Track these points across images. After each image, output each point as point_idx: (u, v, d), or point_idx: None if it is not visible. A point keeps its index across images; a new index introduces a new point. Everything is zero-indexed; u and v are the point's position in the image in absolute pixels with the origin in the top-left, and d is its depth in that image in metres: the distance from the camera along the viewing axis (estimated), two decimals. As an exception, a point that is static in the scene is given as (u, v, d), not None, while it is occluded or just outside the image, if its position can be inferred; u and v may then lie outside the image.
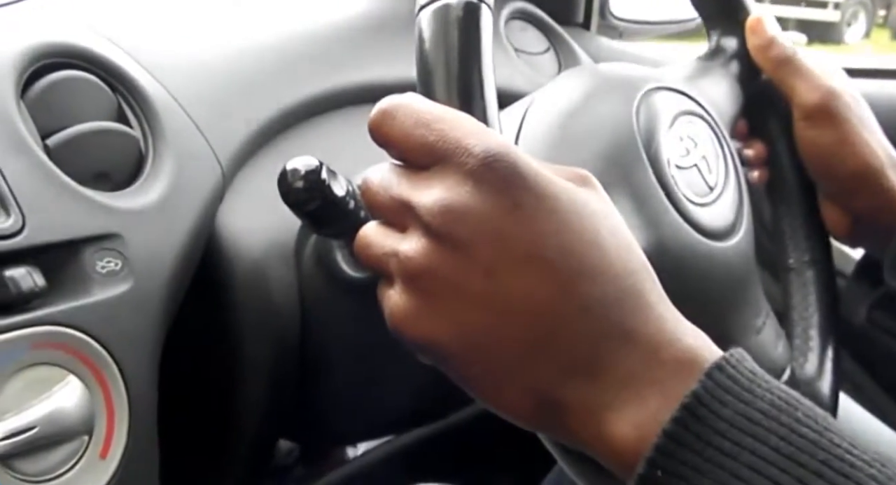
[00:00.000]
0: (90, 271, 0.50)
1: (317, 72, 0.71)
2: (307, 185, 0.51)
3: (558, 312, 0.37)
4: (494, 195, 0.37)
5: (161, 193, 0.55)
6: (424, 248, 0.38)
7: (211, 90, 0.63)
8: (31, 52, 0.52)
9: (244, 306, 0.62)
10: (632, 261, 0.39)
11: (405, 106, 0.41)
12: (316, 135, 0.70)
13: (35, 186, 0.49)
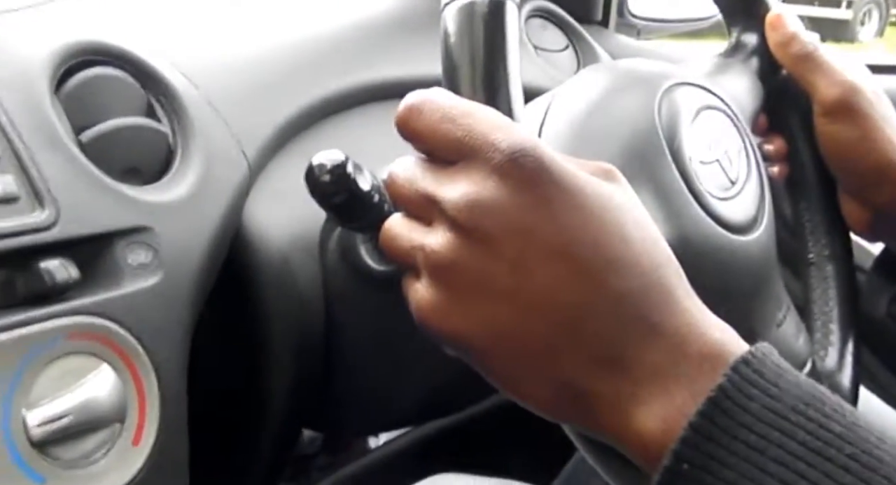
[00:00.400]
0: (122, 264, 0.51)
1: (340, 69, 0.72)
2: (333, 178, 0.52)
3: (585, 306, 0.37)
4: (521, 190, 0.38)
5: (190, 187, 0.56)
6: (451, 242, 0.38)
7: (237, 87, 0.64)
8: (64, 50, 0.53)
9: (270, 299, 0.63)
10: (658, 254, 0.39)
11: (431, 101, 0.41)
12: (340, 131, 0.71)
13: (69, 180, 0.50)
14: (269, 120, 0.65)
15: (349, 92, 0.72)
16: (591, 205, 0.38)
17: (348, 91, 0.71)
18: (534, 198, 0.38)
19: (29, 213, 0.47)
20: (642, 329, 0.37)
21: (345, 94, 0.71)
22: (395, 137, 0.72)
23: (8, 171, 0.47)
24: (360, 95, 0.72)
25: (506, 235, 0.37)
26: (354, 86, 0.72)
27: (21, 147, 0.48)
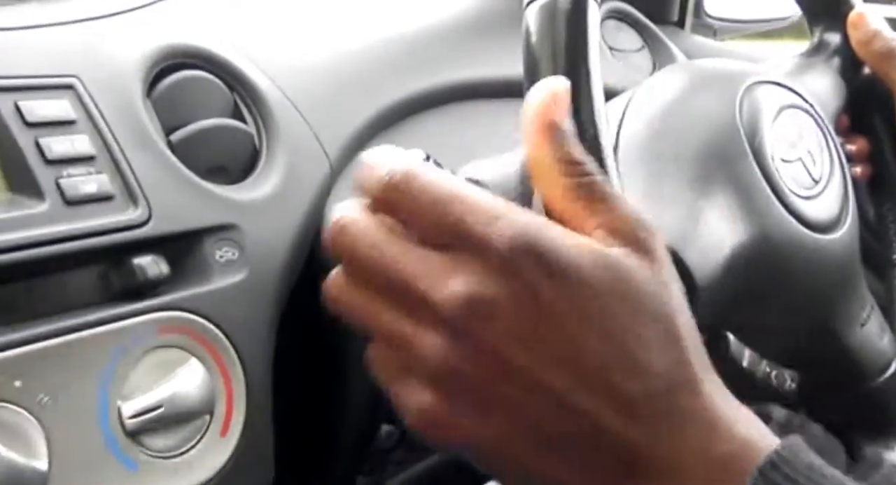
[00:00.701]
0: (210, 260, 0.52)
1: (420, 70, 0.73)
2: None
3: (597, 411, 0.34)
4: (523, 295, 0.34)
5: (274, 186, 0.58)
6: (448, 347, 0.34)
7: (320, 88, 0.66)
8: (157, 53, 0.55)
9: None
10: (679, 348, 0.36)
11: (419, 174, 0.35)
12: (418, 131, 0.72)
13: (160, 180, 0.51)
14: (351, 120, 0.67)
15: (428, 92, 0.72)
16: (602, 301, 0.35)
17: (427, 91, 0.72)
18: (538, 304, 0.34)
19: (123, 211, 0.49)
20: (662, 431, 0.34)
21: (424, 95, 0.72)
22: (473, 138, 0.74)
23: (103, 170, 0.49)
24: (439, 96, 0.73)
25: (510, 345, 0.34)
26: (433, 86, 0.73)
27: (116, 147, 0.50)
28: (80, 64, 0.51)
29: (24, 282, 0.45)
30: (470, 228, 0.34)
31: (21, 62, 0.49)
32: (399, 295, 0.35)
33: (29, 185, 0.46)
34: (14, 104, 0.47)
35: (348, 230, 0.36)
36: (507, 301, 0.34)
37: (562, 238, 0.35)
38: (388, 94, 0.70)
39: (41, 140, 0.47)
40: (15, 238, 0.44)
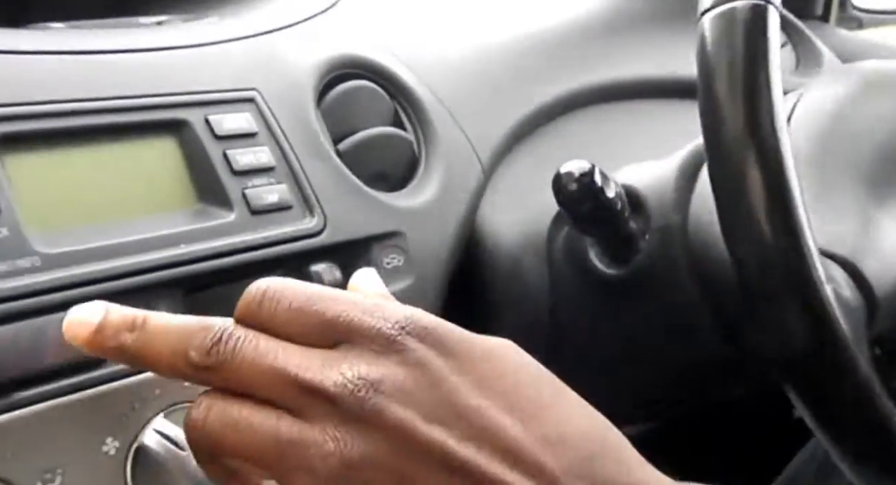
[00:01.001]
0: (378, 267, 0.53)
1: (567, 69, 0.73)
2: (581, 187, 0.53)
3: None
4: (419, 366, 0.33)
5: (434, 192, 0.59)
6: (354, 437, 0.32)
7: (471, 91, 0.66)
8: (326, 65, 0.57)
9: (499, 298, 0.64)
10: (594, 416, 0.35)
11: (288, 285, 0.35)
12: (566, 132, 0.72)
13: (333, 189, 0.53)
14: (501, 123, 0.67)
15: (577, 93, 0.72)
16: (500, 373, 0.34)
17: (576, 92, 0.72)
18: (435, 377, 0.33)
19: (300, 220, 0.51)
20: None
21: (573, 96, 0.72)
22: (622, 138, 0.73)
23: (283, 180, 0.51)
24: (587, 97, 0.73)
25: (422, 420, 0.32)
26: (582, 87, 0.73)
27: (293, 158, 0.52)
28: (258, 77, 0.53)
29: (213, 289, 0.47)
30: (354, 315, 0.34)
31: (207, 77, 0.51)
32: (284, 395, 0.33)
33: (218, 195, 0.48)
34: (204, 118, 0.49)
35: (230, 337, 0.34)
36: (403, 378, 0.32)
37: (446, 323, 0.34)
38: (539, 96, 0.71)
39: (228, 152, 0.49)
40: (210, 247, 0.46)
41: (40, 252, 0.41)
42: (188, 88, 0.50)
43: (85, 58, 0.48)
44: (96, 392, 0.41)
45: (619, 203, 0.54)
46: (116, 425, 0.41)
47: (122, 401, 0.41)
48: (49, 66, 0.46)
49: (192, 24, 0.57)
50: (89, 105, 0.45)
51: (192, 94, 0.50)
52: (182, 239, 0.46)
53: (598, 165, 0.54)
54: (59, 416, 0.39)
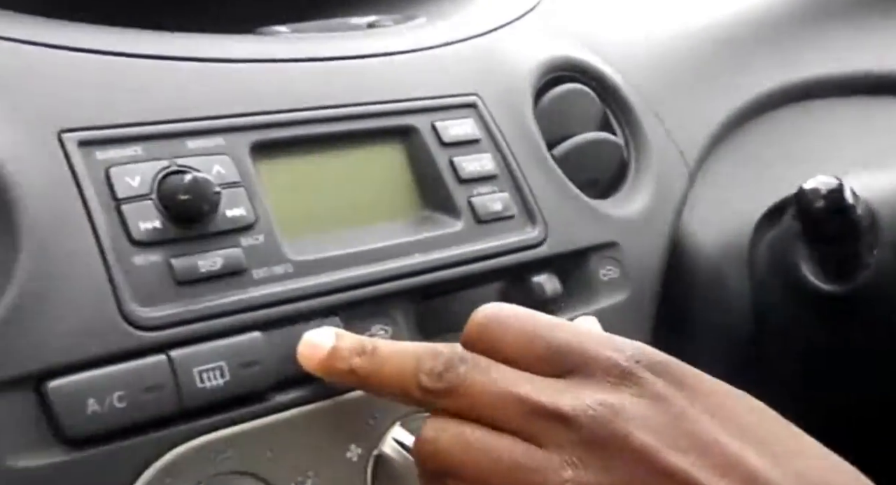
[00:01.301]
0: (595, 279, 0.53)
1: (774, 63, 0.70)
2: (828, 204, 0.50)
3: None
4: (666, 390, 0.33)
5: (646, 200, 0.57)
6: (591, 461, 0.32)
7: (675, 92, 0.64)
8: (541, 67, 0.56)
9: (699, 310, 0.62)
10: (832, 455, 0.34)
11: (519, 312, 0.37)
12: (770, 131, 0.69)
13: (552, 197, 0.52)
14: (705, 123, 0.65)
15: (783, 89, 0.69)
16: (736, 399, 0.35)
17: (782, 88, 0.69)
18: (671, 407, 0.33)
19: (522, 229, 0.50)
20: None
21: (779, 92, 0.69)
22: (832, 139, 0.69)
23: (505, 188, 0.50)
24: (794, 93, 0.69)
25: (666, 448, 0.32)
26: (789, 82, 0.69)
27: (514, 165, 0.51)
28: (477, 82, 0.53)
29: (442, 298, 0.47)
30: (585, 349, 0.34)
31: (430, 82, 0.51)
32: (517, 419, 0.33)
33: (444, 203, 0.48)
34: (431, 124, 0.49)
35: (455, 370, 0.35)
36: (644, 407, 0.32)
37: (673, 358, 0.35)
38: (743, 92, 0.68)
39: (455, 159, 0.49)
40: (441, 257, 0.46)
41: (292, 259, 0.42)
42: (414, 94, 0.50)
43: (319, 65, 0.48)
44: (342, 400, 0.41)
45: (865, 221, 0.51)
46: (359, 433, 0.42)
47: (364, 409, 0.42)
48: (289, 74, 0.47)
49: (405, 27, 0.57)
50: (331, 112, 0.46)
51: (419, 100, 0.50)
52: (415, 248, 0.46)
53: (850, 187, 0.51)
54: (310, 421, 0.40)
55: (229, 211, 0.41)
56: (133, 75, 0.42)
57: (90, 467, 0.35)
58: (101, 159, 0.39)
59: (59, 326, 0.35)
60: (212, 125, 0.42)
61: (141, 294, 0.37)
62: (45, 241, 0.36)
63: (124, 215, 0.38)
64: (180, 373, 0.37)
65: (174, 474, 0.37)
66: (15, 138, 0.37)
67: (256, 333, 0.39)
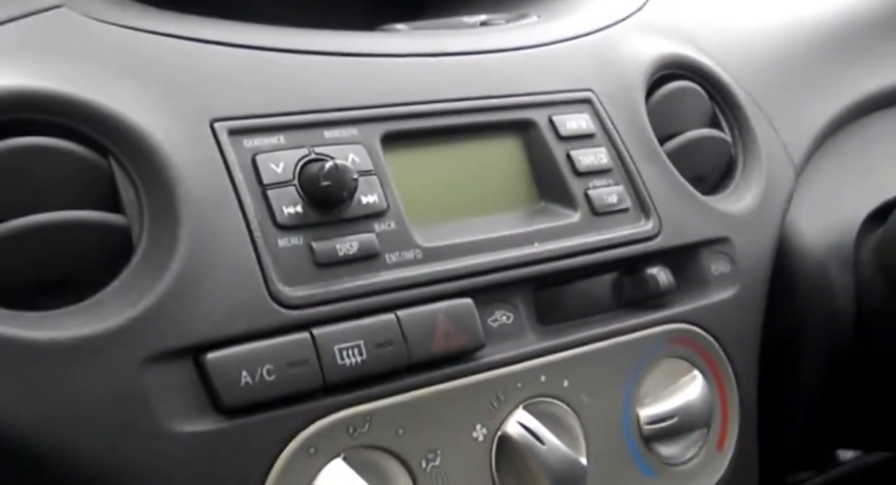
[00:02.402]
0: (706, 273, 0.53)
1: (878, 63, 0.69)
2: None
3: None
4: None
5: (756, 197, 0.57)
6: None
7: (781, 90, 0.64)
8: (653, 64, 0.56)
9: (804, 309, 0.62)
10: None
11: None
12: (874, 131, 0.68)
13: (665, 191, 0.53)
14: (812, 122, 0.65)
15: (884, 91, 0.68)
16: None
17: (883, 91, 0.68)
18: None
19: (636, 222, 0.51)
20: None
21: (885, 92, 0.68)
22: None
23: (619, 182, 0.51)
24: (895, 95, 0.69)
25: None
26: (890, 85, 0.69)
27: (628, 159, 0.52)
28: (592, 77, 0.54)
29: (557, 287, 0.49)
30: None
31: (547, 78, 0.52)
32: None
33: (562, 195, 0.49)
34: (548, 118, 0.50)
35: None
36: None
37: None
38: (847, 93, 0.67)
39: (572, 153, 0.50)
40: (559, 247, 0.47)
41: (421, 246, 0.43)
42: (533, 89, 0.51)
43: (441, 60, 0.50)
44: (469, 381, 0.43)
45: None
46: (485, 414, 0.43)
47: (490, 391, 0.43)
48: (414, 69, 0.49)
49: (518, 24, 0.59)
50: (455, 105, 0.47)
51: (537, 94, 0.51)
52: (535, 238, 0.47)
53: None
54: (439, 401, 0.42)
55: (364, 198, 0.43)
56: (274, 69, 0.44)
57: (243, 435, 0.37)
58: (248, 147, 0.41)
59: (214, 301, 0.37)
60: (346, 116, 0.44)
61: (285, 275, 0.39)
62: (202, 220, 0.38)
63: (270, 200, 0.40)
64: (322, 350, 0.39)
65: (317, 444, 0.39)
66: (171, 125, 0.40)
67: (391, 315, 0.41)
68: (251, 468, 0.37)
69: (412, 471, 0.41)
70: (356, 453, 0.40)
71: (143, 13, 0.44)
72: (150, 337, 0.36)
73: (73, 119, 0.38)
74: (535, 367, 0.45)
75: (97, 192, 0.38)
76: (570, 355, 0.46)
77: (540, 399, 0.45)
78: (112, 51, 0.41)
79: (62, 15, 0.42)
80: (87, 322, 0.36)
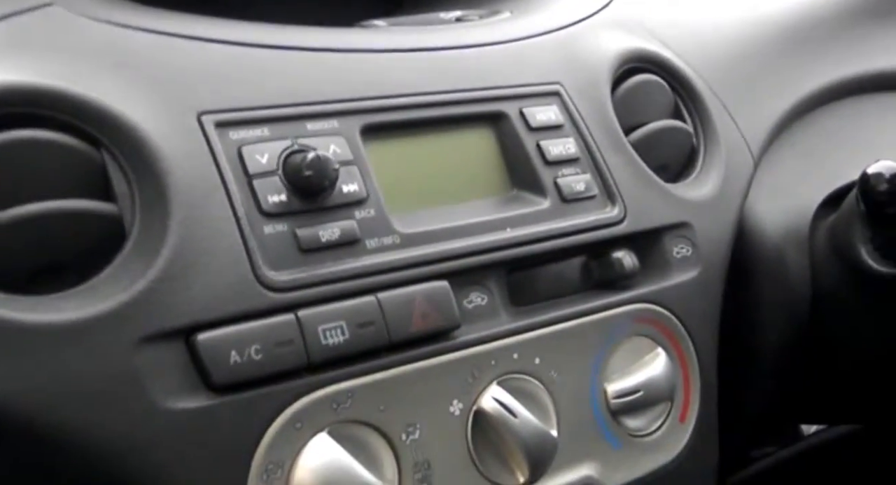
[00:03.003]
0: (669, 256, 0.56)
1: (831, 57, 0.72)
2: (891, 188, 0.53)
3: None
4: None
5: (715, 184, 0.60)
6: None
7: (740, 78, 0.67)
8: (619, 58, 0.59)
9: (761, 289, 0.65)
10: None
11: None
12: (828, 122, 0.71)
13: (630, 179, 0.55)
14: (769, 113, 0.68)
15: (845, 82, 0.72)
16: None
17: (844, 81, 0.72)
18: None
19: (603, 209, 0.54)
20: None
21: (841, 84, 0.71)
22: (887, 132, 0.72)
23: (587, 170, 0.54)
24: (855, 85, 0.72)
25: None
26: (851, 75, 0.72)
27: (595, 149, 0.54)
28: (560, 71, 0.56)
29: (529, 270, 0.51)
30: None
31: (519, 72, 0.54)
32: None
33: (532, 183, 0.52)
34: (519, 110, 0.53)
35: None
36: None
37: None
38: (803, 85, 0.71)
39: (542, 143, 0.52)
40: (530, 232, 0.50)
41: (399, 232, 0.46)
42: (504, 83, 0.53)
43: (418, 55, 0.52)
44: (445, 359, 0.45)
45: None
46: (461, 390, 0.46)
47: (465, 369, 0.46)
48: (392, 63, 0.51)
49: (491, 20, 0.61)
50: (430, 98, 0.50)
51: (508, 87, 0.53)
52: (507, 224, 0.49)
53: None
54: (418, 378, 0.44)
55: (345, 187, 0.45)
56: (258, 64, 0.46)
57: (233, 411, 0.39)
58: (234, 139, 0.43)
59: (203, 285, 0.40)
60: (327, 109, 0.46)
61: (271, 259, 0.42)
62: (191, 209, 0.40)
63: (255, 189, 0.43)
64: (306, 330, 0.41)
65: (302, 420, 0.41)
66: (160, 118, 0.42)
67: (371, 297, 0.43)
68: (241, 442, 0.40)
69: (393, 444, 0.44)
70: (340, 428, 0.42)
71: (131, 11, 0.46)
72: (142, 319, 0.39)
73: (66, 113, 0.40)
74: (508, 345, 0.48)
75: (91, 182, 0.40)
76: (540, 334, 0.49)
77: (513, 376, 0.47)
78: (102, 47, 0.43)
79: (54, 13, 0.44)
80: (83, 306, 0.38)
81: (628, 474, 0.52)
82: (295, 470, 0.41)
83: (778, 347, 0.66)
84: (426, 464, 0.44)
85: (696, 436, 0.55)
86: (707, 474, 0.57)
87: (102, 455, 0.38)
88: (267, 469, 0.40)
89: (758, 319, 0.66)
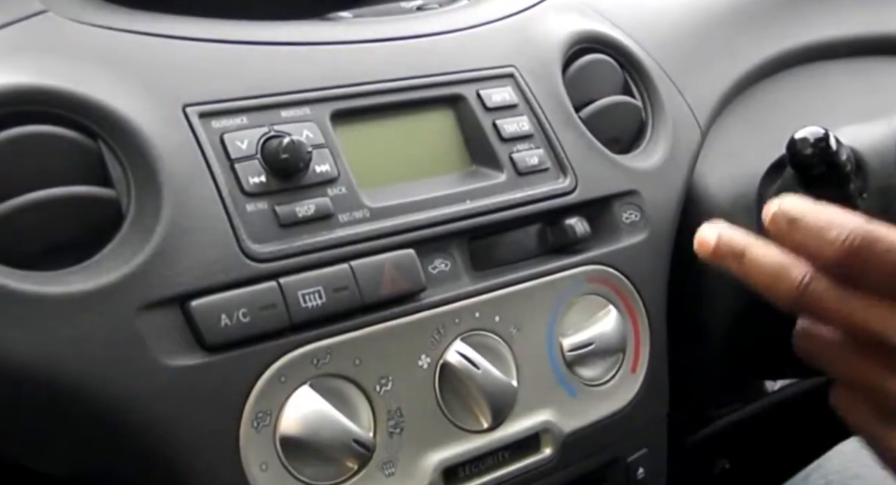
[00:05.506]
0: (618, 222, 0.61)
1: (778, 28, 0.77)
2: (816, 151, 0.58)
3: None
4: None
5: (663, 154, 0.65)
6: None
7: (686, 53, 0.72)
8: (569, 40, 0.64)
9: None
10: None
11: (881, 241, 0.39)
12: (776, 91, 0.76)
13: (581, 153, 0.61)
14: (716, 86, 0.73)
15: (788, 52, 0.77)
16: None
17: (787, 51, 0.77)
18: None
19: (555, 180, 0.59)
20: None
21: (783, 55, 0.76)
22: (833, 98, 0.77)
23: (540, 145, 0.59)
24: (798, 56, 0.77)
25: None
26: (794, 46, 0.77)
27: (547, 126, 0.60)
28: (514, 54, 0.61)
29: (488, 238, 0.56)
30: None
31: (475, 57, 0.59)
32: (866, 346, 0.40)
33: (490, 159, 0.57)
34: (476, 92, 0.58)
35: (812, 288, 0.41)
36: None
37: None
38: (752, 56, 0.76)
39: (497, 121, 0.58)
40: (489, 203, 0.55)
41: (369, 206, 0.51)
42: (462, 67, 0.58)
43: (381, 45, 0.57)
44: (414, 319, 0.51)
45: (848, 166, 0.59)
46: (428, 346, 0.51)
47: (431, 327, 0.51)
48: (358, 53, 0.56)
49: (450, 8, 0.66)
50: (394, 84, 0.55)
51: (466, 72, 0.58)
52: (467, 196, 0.55)
53: (833, 134, 0.59)
54: (389, 336, 0.50)
55: (318, 167, 0.50)
56: (236, 58, 0.51)
57: (224, 368, 0.45)
58: (216, 127, 0.48)
59: (195, 258, 0.45)
60: (300, 98, 0.51)
61: (254, 234, 0.47)
62: (180, 191, 0.46)
63: (237, 172, 0.48)
64: (288, 295, 0.47)
65: (287, 374, 0.46)
66: (149, 111, 0.47)
67: (345, 265, 0.49)
68: (232, 394, 0.45)
69: (368, 394, 0.49)
70: (320, 381, 0.48)
71: (118, 14, 0.51)
72: (142, 289, 0.44)
73: (65, 109, 0.45)
74: (470, 305, 0.53)
75: (90, 170, 0.45)
76: (500, 294, 0.54)
77: (475, 332, 0.53)
78: (94, 48, 0.48)
79: (47, 19, 0.49)
80: (89, 278, 0.43)
81: (584, 419, 0.58)
82: (281, 418, 0.46)
83: (725, 305, 0.72)
84: (398, 412, 0.50)
85: (646, 385, 0.60)
86: (658, 419, 0.63)
87: (113, 406, 0.43)
88: (257, 417, 0.46)
89: (706, 279, 0.71)
